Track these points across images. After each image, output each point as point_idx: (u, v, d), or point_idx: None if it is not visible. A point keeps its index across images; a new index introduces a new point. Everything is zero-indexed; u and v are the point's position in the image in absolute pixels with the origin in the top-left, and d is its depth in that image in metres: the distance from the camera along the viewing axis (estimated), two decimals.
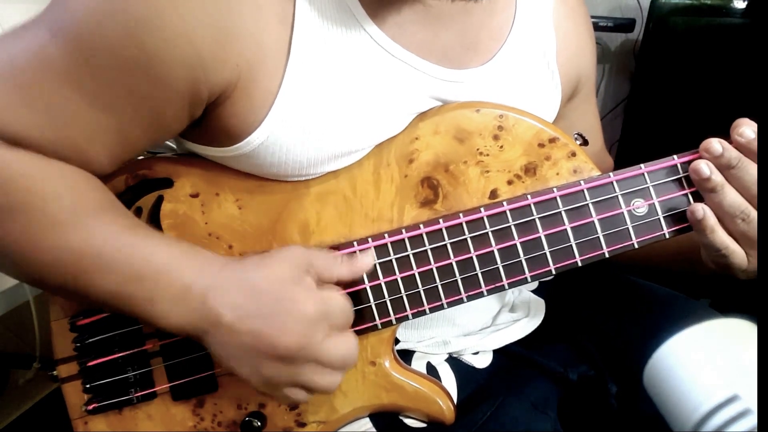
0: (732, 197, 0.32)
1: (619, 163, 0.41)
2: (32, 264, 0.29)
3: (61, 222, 0.29)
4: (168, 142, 0.56)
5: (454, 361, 0.42)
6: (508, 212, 0.34)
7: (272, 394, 0.30)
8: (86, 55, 0.27)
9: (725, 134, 0.33)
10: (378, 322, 0.34)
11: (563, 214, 0.34)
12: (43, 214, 0.29)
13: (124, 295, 0.29)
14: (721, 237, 0.32)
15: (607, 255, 0.34)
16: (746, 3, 0.87)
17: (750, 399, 0.32)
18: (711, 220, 0.32)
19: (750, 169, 0.31)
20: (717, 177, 0.32)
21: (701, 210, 0.32)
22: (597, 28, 0.99)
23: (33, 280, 0.31)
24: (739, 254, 0.32)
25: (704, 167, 0.32)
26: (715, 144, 0.32)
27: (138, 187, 0.35)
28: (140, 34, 0.27)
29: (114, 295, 0.29)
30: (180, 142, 0.36)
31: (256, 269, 0.29)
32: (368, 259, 0.32)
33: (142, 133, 0.31)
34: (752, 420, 0.31)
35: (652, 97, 0.97)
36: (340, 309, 0.29)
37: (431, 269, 0.34)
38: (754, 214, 0.32)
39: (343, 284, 0.33)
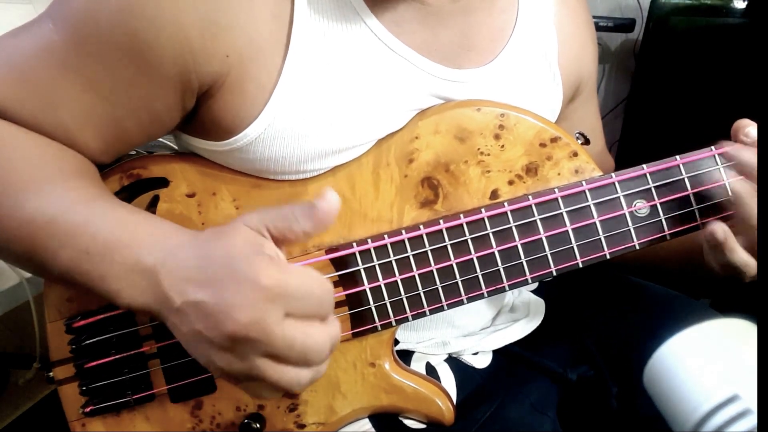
0: (754, 206, 0.31)
1: (620, 163, 0.41)
2: (1, 232, 0.28)
3: (20, 188, 0.28)
4: (166, 142, 0.55)
5: (453, 362, 0.42)
6: (509, 213, 0.34)
7: (238, 387, 0.26)
8: (81, 42, 0.28)
9: (725, 134, 0.33)
10: (377, 323, 0.34)
11: (564, 215, 0.34)
12: (9, 180, 0.28)
13: (78, 270, 0.27)
14: (741, 256, 0.32)
15: (608, 256, 0.34)
16: (746, 3, 0.87)
17: (750, 399, 0.31)
18: (731, 240, 0.31)
19: None
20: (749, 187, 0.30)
21: (722, 232, 0.31)
22: (597, 28, 0.99)
23: (4, 252, 0.30)
24: (754, 267, 0.32)
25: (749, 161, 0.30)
26: (752, 128, 0.31)
27: (133, 186, 0.34)
28: (132, 22, 0.28)
29: (69, 270, 0.27)
30: (180, 137, 0.35)
31: (210, 240, 0.25)
32: (330, 204, 0.25)
33: (134, 122, 0.31)
34: (752, 420, 0.31)
35: (652, 97, 0.97)
36: (308, 288, 0.24)
37: (431, 271, 0.34)
38: None
39: (341, 285, 0.33)
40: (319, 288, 0.24)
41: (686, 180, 0.34)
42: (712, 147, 0.34)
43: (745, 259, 0.32)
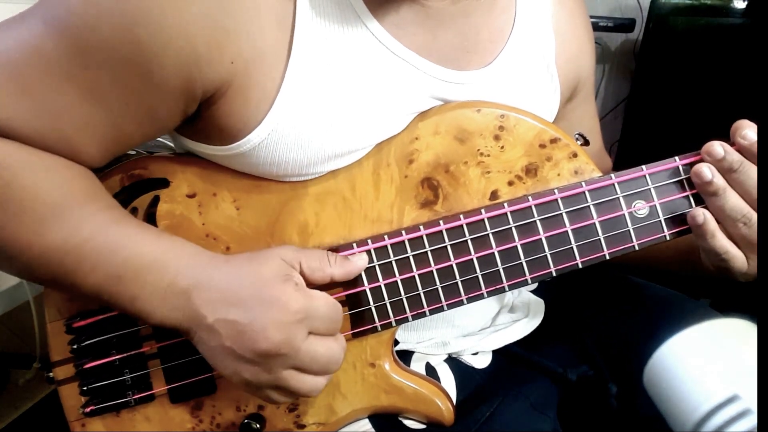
0: (734, 201, 0.32)
1: (619, 164, 0.41)
2: (19, 259, 0.29)
3: (44, 216, 0.28)
4: (166, 142, 0.55)
5: (453, 362, 0.42)
6: (508, 214, 0.34)
7: (254, 395, 0.30)
8: (81, 49, 0.27)
9: (725, 134, 0.33)
10: (377, 324, 0.34)
11: (564, 215, 0.34)
12: (26, 208, 0.28)
13: (110, 291, 0.29)
14: (721, 242, 0.32)
15: (607, 257, 0.34)
16: (746, 3, 0.87)
17: (750, 399, 0.32)
18: (711, 224, 0.32)
19: (752, 173, 0.31)
20: (719, 181, 0.32)
21: (702, 215, 0.32)
22: (597, 28, 0.99)
23: (22, 274, 0.31)
24: (739, 258, 0.32)
25: (706, 171, 0.32)
26: (717, 147, 0.32)
27: (134, 187, 0.34)
28: (136, 30, 0.27)
29: (100, 291, 0.29)
30: (178, 139, 0.35)
31: (243, 266, 0.29)
32: (361, 262, 0.32)
33: (135, 127, 0.31)
34: (752, 420, 0.31)
35: (652, 97, 0.97)
36: (327, 311, 0.29)
37: (431, 271, 0.34)
38: (755, 218, 0.31)
39: (342, 286, 0.33)
40: (334, 309, 0.30)
41: (685, 181, 0.34)
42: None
43: (725, 246, 0.32)
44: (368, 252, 0.33)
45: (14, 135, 0.28)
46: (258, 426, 0.35)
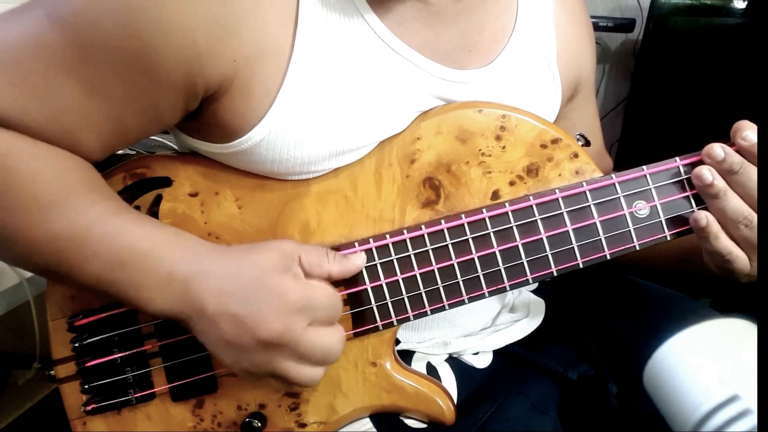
0: (735, 203, 0.32)
1: (619, 163, 0.41)
2: (17, 245, 0.29)
3: (45, 204, 0.28)
4: (168, 141, 0.55)
5: (454, 362, 0.42)
6: (510, 213, 0.34)
7: (254, 383, 0.30)
8: (83, 44, 0.27)
9: (725, 134, 0.33)
10: (379, 323, 0.34)
11: (565, 215, 0.34)
12: (27, 196, 0.28)
13: (109, 280, 0.29)
14: (725, 243, 0.32)
15: (608, 257, 0.34)
16: (746, 3, 0.87)
17: (750, 399, 0.32)
18: (714, 227, 0.32)
19: (752, 175, 0.31)
20: (720, 183, 0.32)
21: (704, 218, 0.32)
22: (597, 28, 0.99)
23: (19, 262, 0.31)
24: (742, 259, 0.32)
25: (707, 173, 0.32)
26: (717, 149, 0.32)
27: (136, 186, 0.34)
28: (138, 26, 0.27)
29: (99, 280, 0.29)
30: (180, 138, 0.35)
31: (243, 256, 0.29)
32: (360, 261, 0.32)
33: (136, 122, 0.31)
34: (752, 420, 0.31)
35: (652, 97, 0.98)
36: (326, 301, 0.29)
37: (433, 270, 0.34)
38: (756, 219, 0.31)
39: (343, 285, 0.33)
40: (334, 299, 0.30)
41: (686, 181, 0.34)
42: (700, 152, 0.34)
43: (729, 247, 0.32)
44: (370, 250, 0.34)
45: (15, 125, 0.29)
46: (259, 425, 0.35)
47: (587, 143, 0.36)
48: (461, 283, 0.34)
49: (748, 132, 0.31)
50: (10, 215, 0.28)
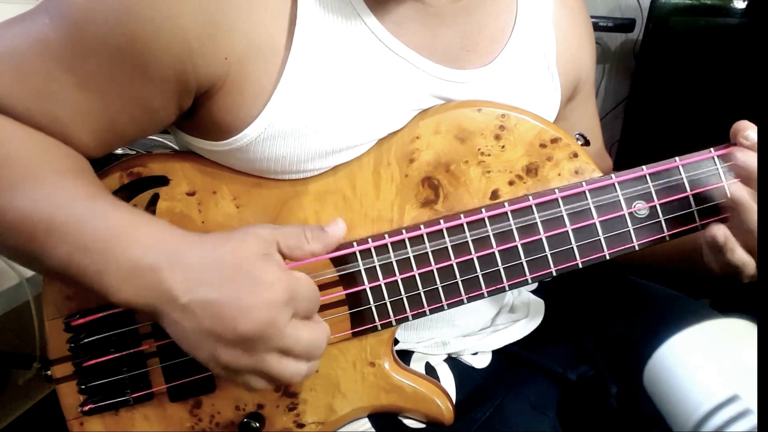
0: (751, 210, 0.31)
1: (619, 164, 0.41)
2: None
3: (17, 184, 0.28)
4: (167, 141, 0.55)
5: (453, 362, 0.42)
6: (509, 213, 0.34)
7: (232, 380, 0.28)
8: (78, 40, 0.28)
9: (725, 134, 0.33)
10: (378, 323, 0.34)
11: (565, 215, 0.34)
12: (2, 174, 0.28)
13: (75, 265, 0.27)
14: (741, 256, 0.32)
15: (608, 257, 0.34)
16: (746, 3, 0.87)
17: (750, 399, 0.31)
18: (731, 241, 0.32)
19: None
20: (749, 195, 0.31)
21: (722, 235, 0.32)
22: (597, 28, 0.99)
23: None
24: (752, 266, 0.32)
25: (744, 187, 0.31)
26: (751, 132, 0.31)
27: (133, 184, 0.34)
28: (131, 23, 0.28)
29: (66, 265, 0.27)
30: (178, 135, 0.35)
31: (219, 244, 0.27)
32: (339, 230, 0.30)
33: (129, 119, 0.31)
34: (752, 420, 0.31)
35: (652, 97, 0.98)
36: (308, 293, 0.27)
37: (432, 270, 0.34)
38: None
39: (342, 285, 0.33)
40: (315, 290, 0.28)
41: (685, 181, 0.34)
42: (711, 149, 0.34)
43: (744, 259, 0.32)
44: (368, 250, 0.33)
45: (6, 110, 0.29)
46: (257, 425, 0.35)
47: (587, 143, 0.36)
48: (460, 283, 0.34)
49: (749, 132, 0.31)
50: None
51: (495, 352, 0.43)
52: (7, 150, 0.29)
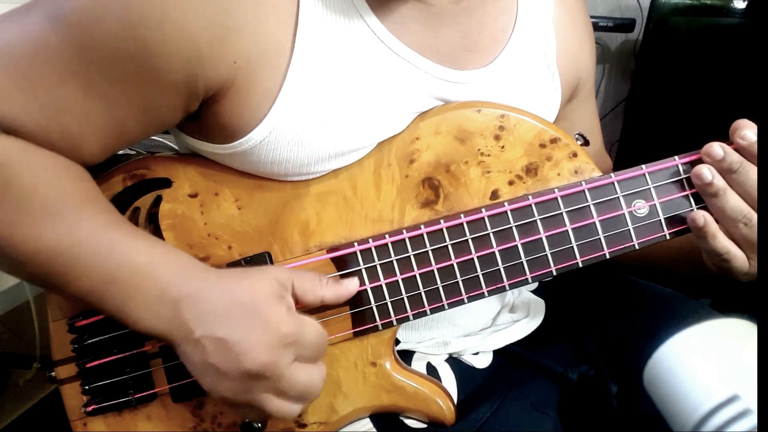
0: (734, 202, 0.32)
1: (619, 163, 0.41)
2: (10, 254, 0.29)
3: (39, 216, 0.28)
4: (168, 141, 0.55)
5: (454, 362, 0.42)
6: (509, 213, 0.34)
7: (230, 408, 0.30)
8: (84, 45, 0.27)
9: (725, 134, 0.33)
10: (379, 323, 0.34)
11: (564, 215, 0.34)
12: (22, 207, 0.28)
13: (99, 295, 0.29)
14: (723, 242, 0.32)
15: (608, 256, 0.34)
16: (746, 3, 0.87)
17: (750, 399, 0.32)
18: (712, 226, 0.32)
19: (751, 173, 0.31)
20: (719, 182, 0.32)
21: (702, 217, 0.32)
22: (597, 28, 0.99)
23: (12, 272, 0.31)
24: (740, 258, 0.32)
25: (706, 172, 0.32)
26: (717, 148, 0.32)
27: (136, 187, 0.35)
28: (140, 28, 0.27)
29: (89, 294, 0.29)
30: (180, 137, 0.35)
31: (235, 282, 0.29)
32: (353, 286, 0.32)
33: (137, 123, 0.31)
34: (752, 420, 0.31)
35: (652, 97, 0.97)
36: (315, 339, 0.29)
37: (432, 270, 0.34)
38: (755, 218, 0.31)
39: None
40: (322, 337, 0.29)
41: (685, 180, 0.34)
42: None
43: (726, 246, 0.32)
44: (369, 251, 0.34)
45: (17, 130, 0.29)
46: (259, 425, 0.35)
47: (586, 142, 0.36)
48: (460, 282, 0.34)
49: (746, 131, 0.31)
50: (6, 225, 0.28)
51: (496, 352, 0.43)
52: (23, 182, 0.28)
